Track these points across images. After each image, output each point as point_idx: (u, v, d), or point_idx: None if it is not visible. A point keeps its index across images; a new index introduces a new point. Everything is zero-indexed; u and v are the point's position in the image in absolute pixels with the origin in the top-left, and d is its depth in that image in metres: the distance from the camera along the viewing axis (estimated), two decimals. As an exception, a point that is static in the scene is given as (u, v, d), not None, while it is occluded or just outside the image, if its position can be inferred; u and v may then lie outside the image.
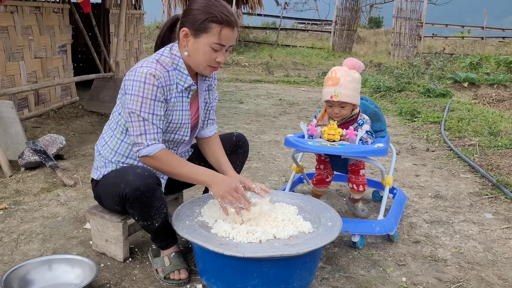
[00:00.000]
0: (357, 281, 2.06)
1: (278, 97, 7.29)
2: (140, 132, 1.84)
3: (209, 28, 1.82)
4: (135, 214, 1.91)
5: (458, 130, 4.87)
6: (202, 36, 1.84)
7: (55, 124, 4.59)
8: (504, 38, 16.64)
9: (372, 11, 26.95)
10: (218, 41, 1.84)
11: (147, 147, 1.85)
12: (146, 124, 1.84)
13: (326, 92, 2.37)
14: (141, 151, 1.86)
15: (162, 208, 1.92)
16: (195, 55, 1.89)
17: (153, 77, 1.82)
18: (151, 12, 14.68)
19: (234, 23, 1.85)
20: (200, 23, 1.82)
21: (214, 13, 1.81)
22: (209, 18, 1.81)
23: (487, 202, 3.05)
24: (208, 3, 1.83)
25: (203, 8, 1.83)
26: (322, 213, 2.01)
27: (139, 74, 1.82)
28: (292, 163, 2.80)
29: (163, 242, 2.05)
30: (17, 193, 2.94)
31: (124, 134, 1.98)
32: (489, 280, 2.11)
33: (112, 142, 2.02)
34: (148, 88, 1.81)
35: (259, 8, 14.41)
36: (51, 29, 4.93)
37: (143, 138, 1.85)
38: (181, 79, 1.93)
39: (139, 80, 1.81)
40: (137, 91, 1.81)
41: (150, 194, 1.84)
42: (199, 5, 1.84)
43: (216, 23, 1.81)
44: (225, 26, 1.83)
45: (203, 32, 1.83)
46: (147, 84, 1.81)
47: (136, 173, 1.84)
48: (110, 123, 2.07)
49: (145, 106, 1.82)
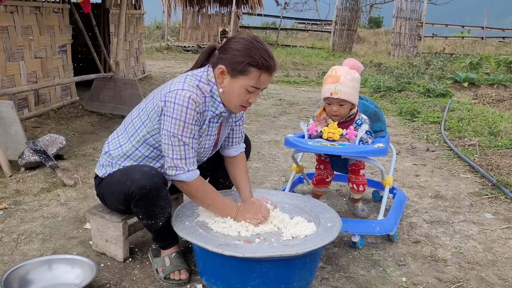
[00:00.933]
0: (357, 281, 2.07)
1: (278, 97, 7.29)
2: (181, 156, 1.84)
3: (248, 72, 1.81)
4: (139, 212, 1.92)
5: (458, 130, 4.87)
6: (239, 77, 1.83)
7: (55, 124, 4.59)
8: (504, 38, 16.65)
9: (372, 11, 26.95)
10: (256, 85, 1.83)
11: (187, 173, 1.85)
12: (186, 148, 1.84)
13: (326, 89, 2.37)
14: (180, 175, 1.85)
15: (166, 207, 1.93)
16: (229, 94, 1.88)
17: (194, 103, 1.81)
18: (151, 12, 14.70)
19: (273, 69, 1.85)
20: (240, 65, 1.80)
21: (255, 58, 1.79)
22: (249, 62, 1.79)
23: (487, 202, 3.05)
24: (249, 45, 1.81)
25: (244, 51, 1.81)
26: (321, 213, 2.01)
27: (182, 98, 1.79)
28: (292, 163, 2.80)
29: (165, 242, 2.05)
30: (17, 193, 2.94)
31: (140, 144, 1.96)
32: (489, 280, 2.11)
33: (126, 147, 1.99)
34: (190, 113, 1.80)
35: (259, 8, 14.43)
36: (51, 29, 4.93)
37: (183, 163, 1.84)
38: (213, 105, 1.92)
39: (182, 104, 1.79)
40: (179, 115, 1.80)
41: (156, 192, 1.84)
42: (240, 46, 1.82)
43: (255, 67, 1.80)
44: (264, 72, 1.82)
45: (241, 74, 1.82)
46: (189, 110, 1.80)
47: (143, 171, 1.84)
48: (127, 127, 2.02)
49: (187, 131, 1.82)
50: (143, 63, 7.92)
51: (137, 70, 7.55)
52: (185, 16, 15.04)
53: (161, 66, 10.25)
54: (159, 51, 13.10)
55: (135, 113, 2.02)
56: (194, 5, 14.97)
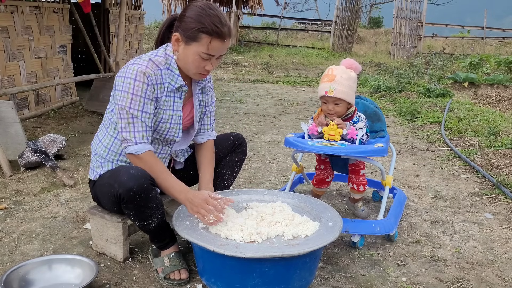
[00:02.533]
0: (357, 281, 2.06)
1: (278, 97, 7.29)
2: (129, 129, 1.85)
3: (199, 38, 1.82)
4: (130, 214, 1.92)
5: (458, 130, 4.87)
6: (192, 44, 1.84)
7: (55, 124, 4.59)
8: (504, 38, 16.64)
9: (372, 11, 26.95)
10: (207, 51, 1.84)
11: (135, 145, 1.86)
12: (135, 121, 1.85)
13: (321, 88, 2.38)
14: (128, 148, 1.86)
15: (157, 208, 1.91)
16: (185, 61, 1.90)
17: (143, 74, 1.83)
18: (151, 12, 14.68)
19: (225, 35, 1.84)
20: (191, 31, 1.82)
21: (205, 24, 1.80)
22: (200, 28, 1.81)
23: (487, 202, 3.05)
24: (201, 12, 1.82)
25: (196, 17, 1.82)
26: (322, 213, 2.01)
27: (130, 71, 1.83)
28: (292, 163, 2.80)
29: (162, 243, 2.05)
30: (17, 193, 2.94)
31: (116, 132, 1.98)
32: (489, 280, 2.11)
33: (106, 140, 2.02)
34: (138, 85, 1.82)
35: (259, 8, 14.42)
36: (51, 29, 4.93)
37: (131, 135, 1.85)
38: (172, 79, 1.94)
39: (130, 77, 1.82)
40: (127, 87, 1.82)
41: (144, 194, 1.83)
42: (192, 13, 1.84)
43: (206, 33, 1.81)
44: (215, 38, 1.82)
45: (193, 40, 1.83)
46: (137, 81, 1.82)
47: (130, 173, 1.82)
48: (104, 121, 2.07)
49: (135, 103, 1.83)
50: (143, 63, 7.90)
51: (137, 70, 7.54)
52: (185, 16, 15.01)
53: (161, 66, 10.23)
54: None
55: (108, 106, 2.05)
56: (194, 5, 14.95)
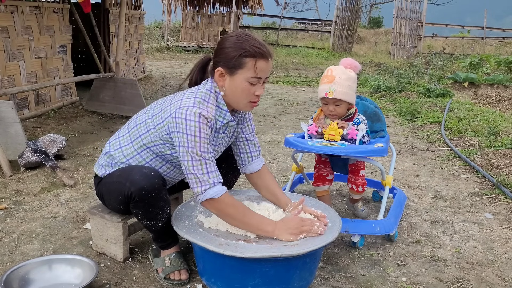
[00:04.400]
0: (357, 281, 2.07)
1: (278, 97, 7.29)
2: (203, 171, 1.79)
3: (244, 64, 1.80)
4: (139, 213, 1.92)
5: (458, 130, 4.87)
6: (237, 72, 1.82)
7: (55, 124, 4.59)
8: (504, 38, 16.66)
9: (372, 11, 26.97)
10: (255, 74, 1.81)
11: (213, 187, 1.79)
12: (207, 162, 1.80)
13: (321, 89, 2.38)
14: (207, 192, 1.78)
15: (166, 208, 1.93)
16: (234, 93, 1.86)
17: (205, 118, 1.80)
18: (151, 12, 14.69)
19: (267, 54, 1.83)
20: (234, 60, 1.80)
21: (246, 48, 1.79)
22: (242, 54, 1.79)
23: (487, 202, 3.05)
24: (239, 39, 1.82)
25: (235, 45, 1.81)
26: (322, 213, 2.01)
27: (192, 114, 1.78)
28: (292, 163, 2.80)
29: (164, 242, 2.05)
30: (17, 193, 2.94)
31: (142, 149, 1.95)
32: (489, 280, 2.11)
33: (127, 150, 1.99)
34: (203, 128, 1.79)
35: (259, 8, 14.41)
36: (51, 29, 4.93)
37: (206, 177, 1.79)
38: (220, 115, 1.91)
39: (193, 120, 1.78)
40: (193, 131, 1.78)
41: (156, 194, 1.84)
42: (230, 43, 1.83)
43: (250, 57, 1.79)
44: (259, 59, 1.81)
45: (238, 68, 1.81)
46: (202, 124, 1.79)
47: (143, 172, 1.84)
48: (131, 131, 2.01)
49: (204, 146, 1.80)
50: (143, 63, 7.92)
51: (137, 70, 7.55)
52: (185, 16, 15.04)
53: (161, 66, 10.25)
54: (159, 51, 13.10)
55: (140, 118, 2.00)
56: (194, 5, 14.97)
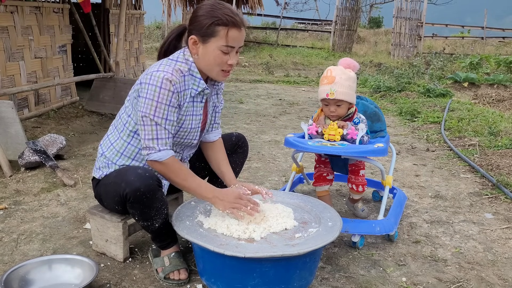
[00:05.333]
0: (357, 281, 2.06)
1: (278, 97, 7.29)
2: (152, 136, 1.84)
3: (216, 32, 1.82)
4: (135, 214, 1.92)
5: (458, 130, 4.87)
6: (210, 40, 1.84)
7: (55, 124, 4.59)
8: (504, 38, 16.65)
9: (372, 11, 26.95)
10: (226, 43, 1.83)
11: (158, 152, 1.85)
12: (158, 128, 1.83)
13: (322, 91, 2.37)
14: (152, 155, 1.85)
15: (162, 209, 1.92)
16: (207, 61, 1.88)
17: (169, 82, 1.81)
18: (151, 12, 14.67)
19: (240, 23, 1.85)
20: (206, 28, 1.82)
21: (219, 16, 1.81)
22: (214, 22, 1.81)
23: (487, 202, 3.05)
24: (212, 8, 1.84)
25: (208, 13, 1.83)
26: (322, 213, 2.01)
27: (155, 78, 1.81)
28: (292, 163, 2.80)
29: (163, 242, 2.05)
30: (17, 193, 2.94)
31: (131, 137, 1.97)
32: (489, 280, 2.11)
33: (118, 144, 2.01)
34: (163, 93, 1.81)
35: (259, 8, 14.41)
36: (51, 29, 4.93)
37: (154, 143, 1.84)
38: (194, 83, 1.93)
39: (155, 84, 1.81)
40: (152, 95, 1.81)
41: (151, 195, 1.84)
42: (203, 11, 1.85)
43: (222, 25, 1.81)
44: (232, 27, 1.82)
45: (210, 36, 1.83)
46: (162, 89, 1.81)
47: (137, 173, 1.84)
48: (116, 124, 2.05)
49: (159, 111, 1.82)
50: (143, 63, 7.91)
51: (137, 70, 7.55)
52: (185, 16, 15.02)
53: (161, 66, 10.23)
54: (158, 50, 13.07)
55: (122, 109, 2.04)
56: (194, 5, 14.95)
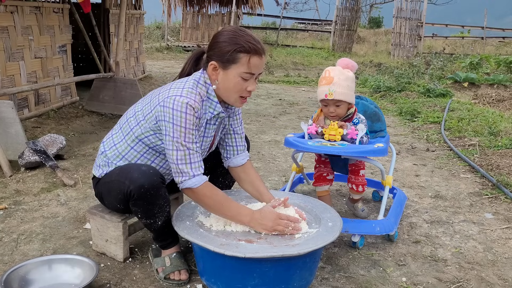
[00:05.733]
0: (357, 281, 2.07)
1: (278, 97, 7.29)
2: (185, 161, 1.82)
3: (238, 59, 1.82)
4: (138, 211, 1.92)
5: (458, 130, 4.87)
6: (231, 67, 1.84)
7: (55, 124, 4.59)
8: (504, 38, 16.65)
9: (372, 11, 26.95)
10: (248, 70, 1.83)
11: (193, 178, 1.82)
12: (191, 153, 1.83)
13: (321, 91, 2.38)
14: (186, 182, 1.82)
15: (165, 207, 1.93)
16: (226, 87, 1.88)
17: (192, 109, 1.82)
18: (151, 12, 14.68)
19: (261, 51, 1.85)
20: (228, 54, 1.82)
21: (241, 43, 1.81)
22: (237, 49, 1.81)
23: (487, 202, 3.05)
24: (234, 34, 1.84)
25: (230, 40, 1.83)
26: (322, 213, 2.01)
27: (179, 104, 1.80)
28: (292, 163, 2.80)
29: (165, 242, 2.05)
30: (17, 193, 2.94)
31: (135, 143, 1.97)
32: (489, 280, 2.11)
33: (121, 147, 2.00)
34: (189, 118, 1.81)
35: (259, 8, 14.42)
36: (51, 29, 4.93)
37: (188, 167, 1.82)
38: (210, 106, 1.93)
39: (179, 110, 1.80)
40: (179, 121, 1.80)
41: (155, 191, 1.85)
42: (225, 37, 1.84)
43: (244, 52, 1.81)
44: (253, 55, 1.82)
45: (231, 63, 1.83)
46: (188, 115, 1.81)
47: (141, 170, 1.85)
48: (123, 126, 2.03)
49: (189, 136, 1.82)
50: (143, 63, 7.92)
51: (137, 70, 7.55)
52: (185, 16, 15.04)
53: (161, 66, 10.25)
54: (159, 51, 13.10)
55: (130, 112, 2.03)
56: (194, 5, 14.97)
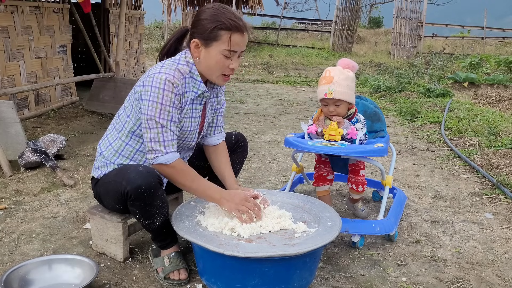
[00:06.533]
0: (357, 281, 2.07)
1: (278, 97, 7.29)
2: (158, 139, 1.83)
3: (219, 36, 1.82)
4: (136, 212, 1.92)
5: (458, 130, 4.87)
6: (213, 44, 1.84)
7: (55, 124, 4.59)
8: (504, 38, 16.65)
9: (372, 11, 26.96)
10: (229, 47, 1.83)
11: (165, 155, 1.84)
12: (164, 131, 1.83)
13: (321, 91, 2.38)
14: (158, 158, 1.84)
15: (163, 207, 1.93)
16: (208, 65, 1.89)
17: (171, 84, 1.82)
18: (151, 12, 14.70)
19: (243, 28, 1.85)
20: (209, 32, 1.82)
21: (222, 20, 1.81)
22: (217, 26, 1.81)
23: (487, 202, 3.05)
24: (215, 12, 1.84)
25: (211, 17, 1.83)
26: (321, 212, 2.01)
27: (158, 81, 1.81)
28: (292, 163, 2.80)
29: (163, 242, 2.05)
30: (17, 193, 2.94)
31: (129, 137, 1.98)
32: (489, 280, 2.11)
33: (117, 144, 2.01)
34: (167, 95, 1.81)
35: (259, 8, 14.42)
36: (51, 29, 4.93)
37: (161, 145, 1.84)
38: (194, 85, 1.93)
39: (158, 86, 1.80)
40: (156, 97, 1.80)
41: (152, 192, 1.84)
42: (207, 15, 1.85)
43: (225, 30, 1.82)
44: (235, 32, 1.83)
45: (213, 40, 1.83)
46: (166, 91, 1.81)
47: (138, 171, 1.84)
48: (115, 124, 2.05)
49: (164, 113, 1.82)
50: (143, 63, 7.91)
51: (137, 70, 7.55)
52: (185, 16, 15.03)
53: (161, 66, 10.23)
54: (159, 51, 13.06)
55: (121, 109, 2.04)
56: (194, 5, 14.96)
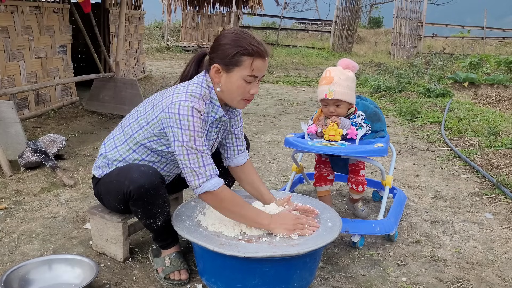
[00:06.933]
0: (357, 281, 2.07)
1: (278, 97, 7.29)
2: (199, 164, 1.80)
3: (241, 61, 1.81)
4: (138, 211, 1.92)
5: (458, 130, 4.87)
6: (234, 70, 1.83)
7: (55, 124, 4.59)
8: (504, 38, 16.65)
9: (372, 11, 26.96)
10: (251, 73, 1.82)
11: (211, 180, 1.80)
12: (203, 156, 1.81)
13: (321, 91, 2.38)
14: (205, 185, 1.79)
15: (165, 207, 1.93)
16: (229, 90, 1.87)
17: (198, 112, 1.81)
18: (151, 12, 14.71)
19: (264, 53, 1.84)
20: (231, 57, 1.81)
21: (244, 46, 1.80)
22: (240, 52, 1.80)
23: (487, 202, 3.05)
24: (236, 37, 1.83)
25: (232, 42, 1.82)
26: (322, 213, 2.01)
27: (185, 109, 1.79)
28: (292, 163, 2.80)
29: (165, 242, 2.05)
30: (17, 193, 2.94)
31: (137, 146, 1.96)
32: (489, 280, 2.11)
33: (123, 149, 2.00)
34: (197, 121, 1.80)
35: (259, 8, 14.42)
36: (51, 29, 4.93)
37: (203, 170, 1.80)
38: (212, 110, 1.92)
39: (186, 114, 1.78)
40: (187, 125, 1.79)
41: (154, 191, 1.85)
42: (227, 40, 1.84)
43: (247, 55, 1.80)
44: (257, 58, 1.82)
45: (235, 66, 1.82)
46: (195, 118, 1.80)
47: (141, 170, 1.85)
48: (125, 129, 2.02)
49: (198, 140, 1.80)
50: (143, 63, 7.92)
51: (137, 70, 7.55)
52: (185, 16, 15.04)
53: (161, 66, 10.25)
54: (159, 51, 13.10)
55: (133, 116, 2.01)
56: (194, 5, 14.97)
